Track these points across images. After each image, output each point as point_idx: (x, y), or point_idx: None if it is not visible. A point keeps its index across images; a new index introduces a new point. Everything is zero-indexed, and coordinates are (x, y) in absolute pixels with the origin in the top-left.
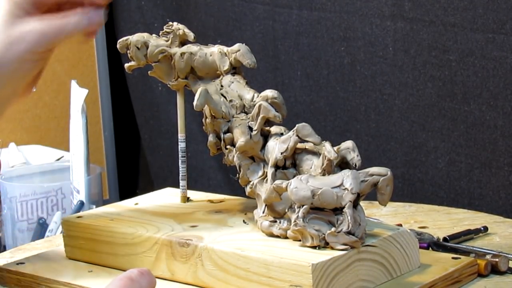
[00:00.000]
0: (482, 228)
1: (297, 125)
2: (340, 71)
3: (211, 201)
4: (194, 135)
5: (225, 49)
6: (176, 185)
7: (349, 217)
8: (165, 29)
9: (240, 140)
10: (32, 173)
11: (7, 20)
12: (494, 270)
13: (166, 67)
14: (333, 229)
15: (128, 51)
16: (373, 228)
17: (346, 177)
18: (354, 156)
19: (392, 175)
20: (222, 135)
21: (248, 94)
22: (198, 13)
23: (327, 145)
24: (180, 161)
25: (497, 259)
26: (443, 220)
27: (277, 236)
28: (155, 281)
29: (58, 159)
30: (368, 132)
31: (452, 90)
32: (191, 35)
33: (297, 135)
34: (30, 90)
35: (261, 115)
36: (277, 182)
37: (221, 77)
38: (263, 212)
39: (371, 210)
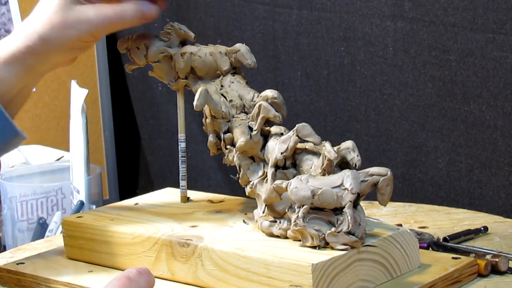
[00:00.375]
0: (482, 228)
1: (297, 125)
2: (340, 71)
3: (211, 201)
4: (194, 135)
5: (225, 49)
6: (176, 185)
7: (349, 217)
8: (165, 29)
9: (240, 140)
10: (32, 173)
11: (65, 3)
12: (494, 270)
13: (166, 67)
14: (333, 229)
15: (128, 51)
16: (373, 228)
17: (346, 177)
18: (354, 156)
19: (392, 175)
20: (222, 135)
21: (248, 94)
22: (198, 13)
23: (327, 145)
24: (180, 161)
25: (497, 259)
26: (443, 220)
27: (277, 236)
28: (153, 280)
29: (58, 159)
30: (368, 132)
31: (452, 90)
32: (191, 35)
33: (297, 135)
34: (65, 65)
35: (261, 115)
36: (277, 182)
37: (221, 77)
38: (263, 212)
39: (371, 210)
